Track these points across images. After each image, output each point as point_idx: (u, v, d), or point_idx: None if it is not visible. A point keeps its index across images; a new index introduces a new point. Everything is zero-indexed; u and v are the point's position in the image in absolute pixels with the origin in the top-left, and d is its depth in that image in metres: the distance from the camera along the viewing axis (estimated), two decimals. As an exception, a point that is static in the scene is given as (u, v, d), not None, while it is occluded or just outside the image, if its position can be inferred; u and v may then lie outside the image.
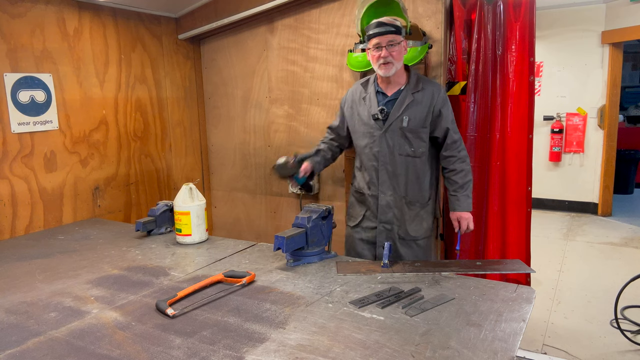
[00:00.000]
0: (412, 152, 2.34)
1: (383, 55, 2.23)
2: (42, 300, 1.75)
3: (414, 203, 2.41)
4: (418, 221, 2.43)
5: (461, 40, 2.86)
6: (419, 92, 2.32)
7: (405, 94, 2.32)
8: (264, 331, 1.46)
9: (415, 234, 2.43)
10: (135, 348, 1.38)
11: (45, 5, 2.76)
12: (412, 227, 2.42)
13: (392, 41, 2.22)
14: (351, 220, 2.57)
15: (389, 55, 2.23)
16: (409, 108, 2.31)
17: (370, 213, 2.47)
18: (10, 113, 2.62)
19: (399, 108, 2.31)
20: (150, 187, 3.52)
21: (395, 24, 2.25)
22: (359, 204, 2.53)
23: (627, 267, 4.44)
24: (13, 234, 2.68)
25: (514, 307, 1.58)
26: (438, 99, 2.33)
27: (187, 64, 3.73)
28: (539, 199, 6.49)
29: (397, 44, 2.24)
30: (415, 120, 2.31)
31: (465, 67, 2.88)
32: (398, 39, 2.24)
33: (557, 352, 3.04)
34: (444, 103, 2.35)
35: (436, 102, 2.32)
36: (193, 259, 2.17)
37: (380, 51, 2.23)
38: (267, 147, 3.62)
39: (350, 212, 2.59)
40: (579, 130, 6.27)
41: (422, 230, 2.44)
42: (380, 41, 2.23)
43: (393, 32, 2.23)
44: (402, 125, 2.31)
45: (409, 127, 2.31)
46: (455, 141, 2.38)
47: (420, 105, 2.31)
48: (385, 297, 1.67)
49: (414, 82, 2.35)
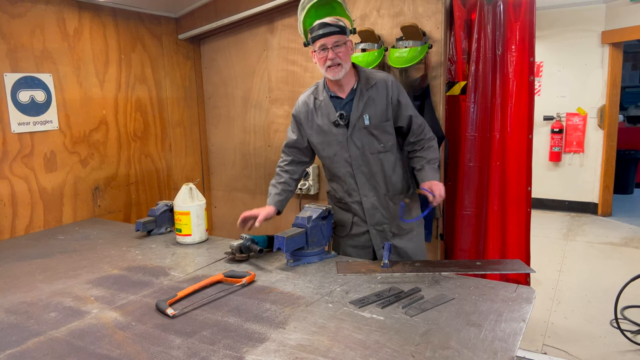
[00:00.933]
0: (382, 147, 2.29)
1: (330, 57, 2.17)
2: (42, 300, 1.75)
3: (396, 196, 2.37)
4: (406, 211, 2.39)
5: (461, 40, 2.86)
6: (372, 87, 2.28)
7: (360, 92, 2.27)
8: (264, 331, 1.46)
9: (407, 226, 2.39)
10: (135, 348, 1.38)
11: (45, 5, 2.76)
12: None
13: (338, 42, 2.17)
14: (339, 229, 2.49)
15: (336, 57, 2.17)
16: (367, 106, 2.26)
17: (357, 219, 2.41)
18: (10, 113, 2.62)
19: (357, 108, 2.26)
20: (150, 187, 3.52)
21: (339, 24, 2.19)
22: (345, 212, 2.46)
23: (627, 267, 4.44)
24: (13, 234, 2.68)
25: (514, 307, 1.58)
26: (392, 89, 2.28)
27: (187, 64, 3.73)
28: (539, 199, 6.49)
29: (343, 44, 2.18)
30: (376, 116, 2.26)
31: (465, 67, 2.88)
32: (344, 39, 2.19)
33: (557, 352, 3.05)
34: (399, 91, 2.30)
35: (392, 93, 2.28)
36: (193, 259, 2.17)
37: (327, 52, 2.18)
38: (267, 147, 3.62)
39: (337, 221, 2.49)
40: (579, 130, 6.27)
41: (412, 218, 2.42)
42: (325, 42, 2.17)
43: (338, 32, 2.17)
44: (364, 124, 2.26)
45: (372, 125, 2.26)
46: (419, 125, 2.34)
47: (377, 100, 2.27)
48: (385, 297, 1.67)
49: (365, 78, 2.30)
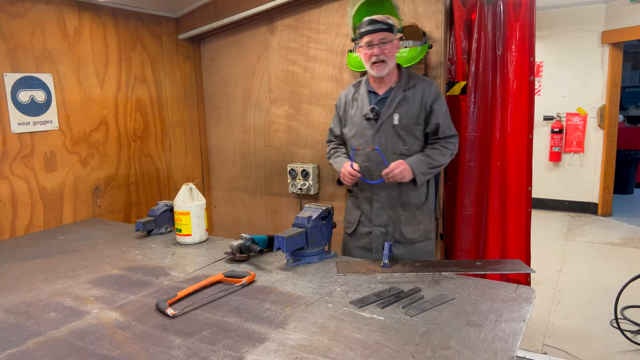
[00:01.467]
0: (406, 150, 2.30)
1: (375, 53, 2.19)
2: (42, 300, 1.75)
3: (409, 204, 2.35)
4: (414, 223, 2.37)
5: (461, 40, 2.86)
6: (410, 89, 2.29)
7: (396, 91, 2.29)
8: (264, 331, 1.46)
9: (411, 237, 2.36)
10: (135, 348, 1.38)
11: (45, 5, 2.76)
12: (408, 229, 2.36)
13: (385, 39, 2.19)
14: (348, 227, 2.53)
15: (381, 53, 2.19)
16: (400, 105, 2.28)
17: (364, 217, 2.43)
18: (10, 113, 2.62)
19: (390, 106, 2.28)
20: (150, 187, 3.52)
21: (388, 22, 2.21)
22: (355, 209, 2.48)
23: (627, 267, 4.44)
24: (13, 234, 2.68)
25: (514, 307, 1.58)
26: (429, 95, 2.29)
27: (187, 64, 3.73)
28: (539, 199, 6.49)
29: (389, 41, 2.20)
30: (406, 117, 2.27)
31: (465, 67, 2.88)
32: (390, 36, 2.20)
33: (557, 352, 3.05)
34: (436, 99, 2.30)
35: (427, 99, 2.28)
36: (193, 259, 2.17)
37: (372, 49, 2.20)
38: (267, 147, 3.62)
39: (347, 217, 2.55)
40: (579, 130, 6.27)
41: (419, 232, 2.38)
42: (372, 39, 2.19)
43: (385, 29, 2.19)
44: (393, 123, 2.27)
45: (401, 125, 2.27)
46: (447, 136, 2.32)
47: (411, 102, 2.28)
48: (385, 297, 1.67)
49: (405, 79, 2.31)
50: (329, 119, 3.29)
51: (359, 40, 2.28)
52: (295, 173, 3.39)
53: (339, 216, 3.10)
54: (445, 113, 2.33)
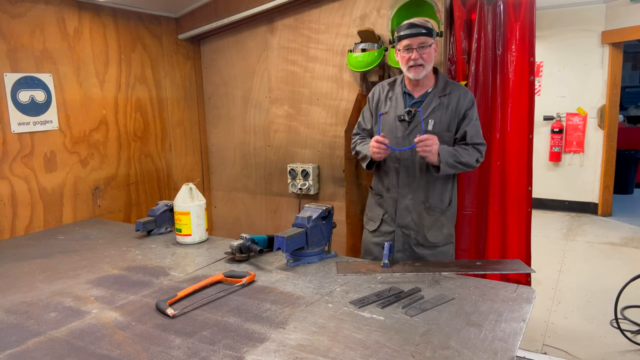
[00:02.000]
0: None
1: (414, 57, 2.18)
2: (42, 300, 1.75)
3: (433, 208, 2.34)
4: (437, 227, 2.36)
5: (461, 40, 2.86)
6: (446, 95, 2.28)
7: (432, 97, 2.28)
8: (264, 331, 1.46)
9: (434, 240, 2.36)
10: (135, 348, 1.38)
11: (45, 5, 2.76)
12: (431, 233, 2.35)
13: (424, 43, 2.17)
14: (369, 224, 2.51)
15: (419, 58, 2.18)
16: (434, 111, 2.27)
17: (388, 216, 2.41)
18: (10, 113, 2.62)
19: (425, 111, 2.27)
20: (150, 187, 3.52)
21: (427, 26, 2.20)
22: (378, 207, 2.46)
23: (627, 267, 4.44)
24: (13, 234, 2.68)
25: (514, 307, 1.58)
26: (464, 102, 2.27)
27: (187, 64, 3.73)
28: (539, 199, 6.49)
29: (428, 46, 2.19)
30: (440, 124, 2.26)
31: (465, 67, 2.88)
32: (429, 41, 2.19)
33: (557, 352, 3.05)
34: (470, 106, 2.29)
35: (462, 106, 2.27)
36: (193, 259, 2.17)
37: (411, 53, 2.19)
38: (267, 147, 3.62)
39: (369, 215, 2.52)
40: (579, 130, 6.28)
41: (442, 236, 2.37)
42: (411, 43, 2.18)
43: (425, 34, 2.17)
44: (427, 128, 2.26)
45: (434, 131, 2.25)
46: (474, 143, 2.29)
47: (446, 109, 2.27)
48: (385, 297, 1.67)
49: (442, 85, 2.30)
50: (329, 119, 3.29)
51: (396, 43, 2.25)
52: (295, 173, 3.39)
53: (339, 216, 3.11)
54: (476, 121, 2.32)
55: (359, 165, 3.11)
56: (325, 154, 3.36)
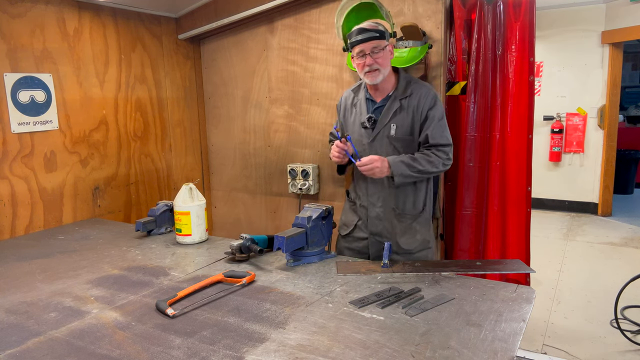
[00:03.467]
0: None
1: (368, 63, 2.14)
2: (42, 300, 1.75)
3: (404, 215, 2.31)
4: (410, 234, 2.33)
5: (461, 40, 2.86)
6: (407, 97, 2.23)
7: (393, 100, 2.24)
8: (264, 331, 1.46)
9: (407, 247, 2.32)
10: (135, 348, 1.38)
11: (45, 5, 2.76)
12: (404, 240, 2.32)
13: (377, 47, 2.13)
14: (343, 228, 2.50)
15: (374, 63, 2.14)
16: (396, 115, 2.22)
17: (361, 223, 2.40)
18: (10, 113, 2.62)
19: (387, 116, 2.23)
20: (150, 187, 3.52)
21: (379, 29, 2.15)
22: (352, 213, 2.46)
23: (627, 267, 4.44)
24: (13, 234, 2.68)
25: (514, 307, 1.58)
26: (425, 102, 2.20)
27: (187, 64, 3.73)
28: (539, 199, 6.49)
29: (381, 49, 2.14)
30: (402, 128, 2.21)
31: (465, 67, 2.88)
32: (382, 44, 2.15)
33: (557, 352, 3.05)
34: (433, 105, 2.21)
35: (423, 107, 2.20)
36: (193, 259, 2.17)
37: (365, 59, 2.15)
38: (267, 147, 3.62)
39: (344, 219, 2.52)
40: (579, 130, 6.28)
41: (416, 242, 2.33)
42: (363, 48, 2.14)
43: (377, 37, 2.13)
44: (389, 133, 2.22)
45: (397, 136, 2.22)
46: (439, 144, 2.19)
47: (407, 111, 2.22)
48: (385, 297, 1.67)
49: (403, 87, 2.25)
50: (329, 119, 3.29)
51: (350, 50, 2.21)
52: (295, 173, 3.40)
53: (339, 216, 3.10)
54: (438, 121, 2.23)
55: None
56: (325, 154, 3.36)
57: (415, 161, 2.19)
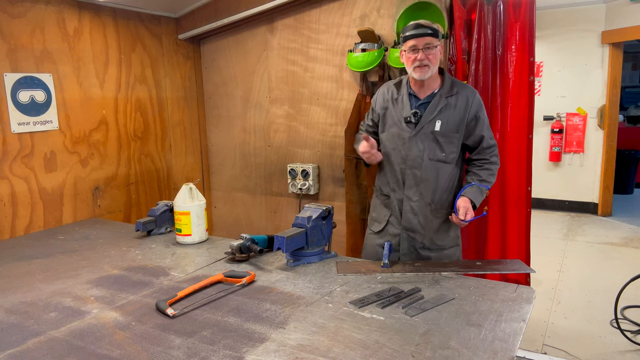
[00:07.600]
0: (444, 157, 2.26)
1: (419, 57, 2.17)
2: (42, 300, 1.75)
3: (439, 210, 2.31)
4: (444, 229, 2.33)
5: (461, 40, 2.86)
6: (453, 96, 2.27)
7: (439, 97, 2.27)
8: (264, 331, 1.46)
9: (441, 243, 2.33)
10: (135, 348, 1.38)
11: (45, 5, 2.76)
12: (438, 235, 2.32)
13: (429, 44, 2.17)
14: (375, 225, 2.46)
15: (425, 58, 2.17)
16: (442, 112, 2.25)
17: (394, 218, 2.37)
18: (10, 113, 2.62)
19: (432, 112, 2.25)
20: (150, 187, 3.52)
21: (433, 27, 2.20)
22: (384, 208, 2.42)
23: (627, 267, 4.44)
24: (13, 234, 2.68)
25: (514, 307, 1.58)
26: (473, 103, 2.27)
27: (187, 64, 3.73)
28: (539, 199, 6.49)
29: (434, 47, 2.19)
30: (448, 124, 2.25)
31: (465, 67, 2.88)
32: (435, 42, 2.19)
33: (557, 352, 3.05)
34: (480, 107, 2.29)
35: (471, 107, 2.26)
36: (193, 259, 2.17)
37: (417, 54, 2.18)
38: (267, 147, 3.62)
39: (374, 215, 2.48)
40: (579, 130, 6.27)
41: (449, 239, 2.34)
42: (416, 43, 2.17)
43: (431, 34, 2.17)
44: (434, 129, 2.25)
45: (442, 132, 2.24)
46: (490, 146, 2.31)
47: (453, 109, 2.26)
48: (385, 297, 1.67)
49: (448, 86, 2.29)
50: (329, 119, 3.29)
51: (402, 44, 2.25)
52: (295, 173, 3.40)
53: (339, 216, 3.11)
54: (488, 124, 2.32)
55: (359, 165, 3.11)
56: (325, 154, 3.36)
57: (485, 182, 2.28)
